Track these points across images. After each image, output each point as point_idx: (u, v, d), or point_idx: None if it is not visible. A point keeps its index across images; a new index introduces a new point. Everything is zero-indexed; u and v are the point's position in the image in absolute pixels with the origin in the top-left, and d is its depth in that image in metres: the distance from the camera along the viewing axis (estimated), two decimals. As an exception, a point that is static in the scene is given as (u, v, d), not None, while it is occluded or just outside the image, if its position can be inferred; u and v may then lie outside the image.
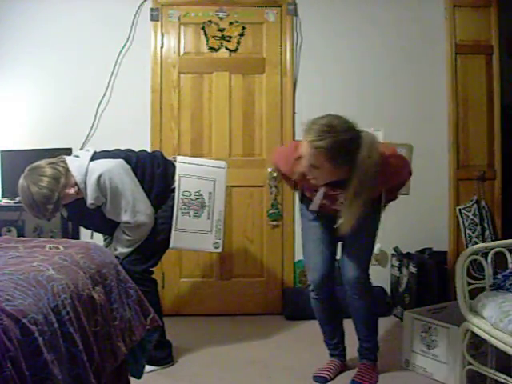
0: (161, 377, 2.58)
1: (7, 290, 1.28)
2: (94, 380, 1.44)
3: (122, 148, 2.73)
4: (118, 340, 1.70)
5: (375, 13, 3.77)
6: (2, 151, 3.59)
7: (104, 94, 3.68)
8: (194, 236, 2.68)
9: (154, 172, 2.63)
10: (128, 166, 2.55)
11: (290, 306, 3.58)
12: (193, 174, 2.71)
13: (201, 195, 2.71)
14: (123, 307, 1.81)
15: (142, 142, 3.66)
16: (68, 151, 3.57)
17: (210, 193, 2.72)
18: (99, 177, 2.45)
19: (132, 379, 1.99)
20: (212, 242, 2.70)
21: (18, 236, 3.55)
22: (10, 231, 3.63)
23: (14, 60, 3.69)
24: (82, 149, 3.67)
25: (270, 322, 3.55)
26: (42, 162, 2.49)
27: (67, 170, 2.47)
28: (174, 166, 2.72)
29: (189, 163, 2.76)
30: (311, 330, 3.33)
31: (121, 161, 2.54)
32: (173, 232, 2.63)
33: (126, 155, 2.61)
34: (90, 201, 2.47)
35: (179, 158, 2.78)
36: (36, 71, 3.70)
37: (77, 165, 2.49)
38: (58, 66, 3.70)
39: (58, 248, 1.78)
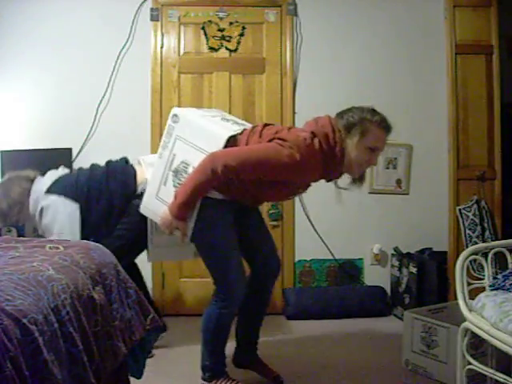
0: (161, 377, 2.58)
1: (7, 290, 1.28)
2: (93, 380, 1.44)
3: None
4: (118, 340, 1.70)
5: (375, 13, 3.77)
6: (2, 151, 3.58)
7: (104, 94, 3.68)
8: (172, 250, 2.66)
9: (109, 189, 2.65)
10: (75, 206, 2.57)
11: (290, 306, 3.58)
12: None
13: None
14: (123, 307, 1.81)
15: (142, 142, 3.67)
16: (68, 151, 3.58)
17: None
18: (41, 210, 2.56)
19: (132, 379, 2.00)
20: (192, 251, 2.65)
21: (18, 236, 3.55)
22: (9, 231, 3.62)
23: (14, 60, 3.69)
24: (81, 149, 3.68)
25: (270, 322, 3.54)
26: (15, 177, 2.65)
27: (28, 193, 2.60)
28: (134, 170, 2.75)
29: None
30: (311, 330, 3.34)
31: (67, 202, 2.56)
32: (149, 247, 2.65)
33: (78, 183, 2.64)
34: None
35: (144, 158, 2.81)
36: (36, 71, 3.70)
37: (34, 197, 2.60)
38: (58, 66, 3.70)
39: (57, 248, 1.78)
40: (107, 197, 2.64)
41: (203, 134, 2.18)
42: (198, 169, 2.07)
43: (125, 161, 2.83)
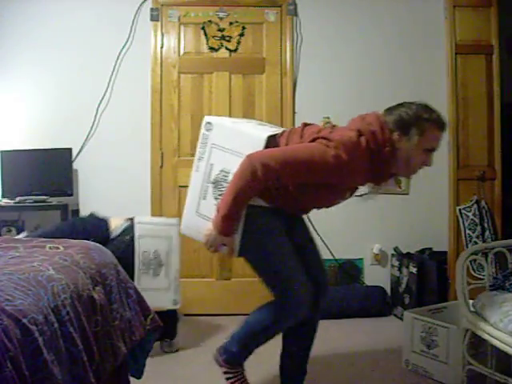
0: (161, 377, 2.58)
1: (7, 290, 1.28)
2: (93, 380, 1.44)
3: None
4: (118, 340, 1.70)
5: (375, 13, 3.77)
6: (2, 151, 3.59)
7: (104, 94, 3.68)
8: (153, 295, 2.56)
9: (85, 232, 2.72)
10: None
11: (290, 306, 3.58)
12: (151, 234, 2.81)
13: (159, 254, 2.81)
14: (123, 307, 1.81)
15: (142, 142, 3.68)
16: (68, 151, 3.58)
17: (167, 252, 2.83)
18: None
19: (132, 379, 1.99)
20: (171, 299, 2.77)
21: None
22: (10, 231, 3.63)
23: (15, 60, 3.70)
24: (81, 149, 3.68)
25: (270, 322, 3.54)
26: None
27: None
28: (105, 222, 2.84)
29: (146, 223, 2.86)
30: (311, 330, 3.33)
31: None
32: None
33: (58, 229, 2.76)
34: None
35: (137, 219, 2.86)
36: (36, 71, 3.70)
37: None
38: (58, 66, 3.70)
39: (58, 248, 1.78)
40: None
41: (240, 137, 2.01)
42: (237, 174, 1.87)
43: (93, 216, 2.94)
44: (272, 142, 1.98)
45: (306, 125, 2.07)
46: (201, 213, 2.12)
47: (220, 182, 2.03)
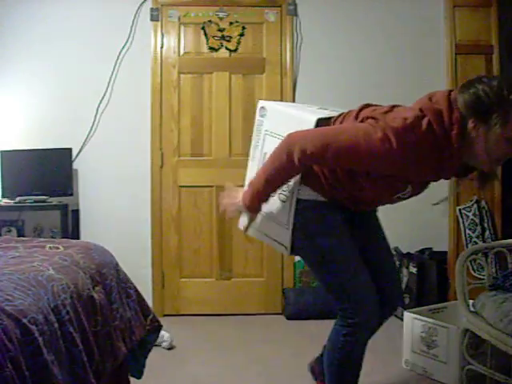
0: (161, 377, 2.58)
1: (7, 290, 1.28)
2: (93, 380, 1.44)
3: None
4: (118, 340, 1.70)
5: (375, 13, 3.77)
6: (2, 151, 3.59)
7: (104, 94, 3.68)
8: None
9: None
10: None
11: (290, 306, 3.58)
12: None
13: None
14: (123, 307, 1.81)
15: (142, 142, 3.67)
16: (68, 151, 3.58)
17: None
18: None
19: (132, 379, 2.00)
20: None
21: (18, 236, 3.55)
22: (10, 231, 3.63)
23: (14, 60, 3.69)
24: (81, 149, 3.68)
25: (270, 322, 3.55)
26: None
27: None
28: None
29: None
30: (311, 330, 3.33)
31: None
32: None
33: None
34: None
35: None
36: (36, 71, 3.70)
37: None
38: (58, 66, 3.69)
39: (57, 248, 1.78)
40: None
41: (292, 121, 1.81)
42: (274, 153, 1.68)
43: None
44: (325, 125, 1.77)
45: (365, 106, 1.81)
46: None
47: None
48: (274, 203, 1.85)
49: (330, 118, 1.82)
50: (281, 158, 1.65)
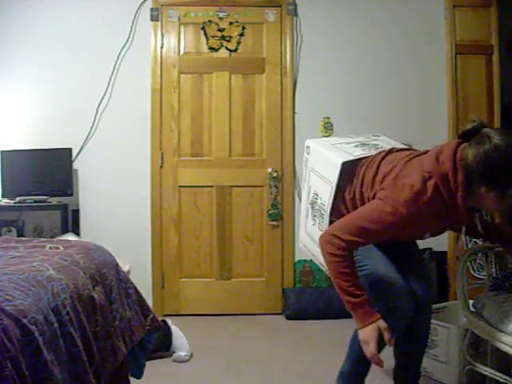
0: (161, 377, 2.58)
1: (7, 290, 1.28)
2: (93, 380, 1.44)
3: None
4: (118, 340, 1.70)
5: (375, 13, 3.77)
6: (2, 151, 3.59)
7: (104, 94, 3.68)
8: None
9: None
10: None
11: (290, 306, 3.58)
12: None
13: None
14: (123, 307, 1.81)
15: (142, 142, 3.68)
16: (68, 151, 3.58)
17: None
18: None
19: (132, 379, 1.99)
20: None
21: (18, 236, 3.55)
22: (10, 231, 3.63)
23: (14, 60, 3.69)
24: (81, 149, 3.68)
25: (270, 322, 3.55)
26: None
27: None
28: None
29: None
30: (311, 330, 3.33)
31: None
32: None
33: None
34: None
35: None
36: (36, 71, 3.70)
37: None
38: (58, 66, 3.70)
39: (58, 248, 1.78)
40: None
41: (324, 161, 2.04)
42: (325, 260, 1.78)
43: None
44: (352, 168, 1.90)
45: (387, 154, 1.89)
46: (309, 232, 2.15)
47: (314, 203, 2.05)
48: (316, 232, 2.03)
49: (355, 160, 1.93)
50: (329, 260, 1.74)
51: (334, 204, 1.93)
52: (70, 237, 2.84)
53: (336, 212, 1.94)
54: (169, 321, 2.91)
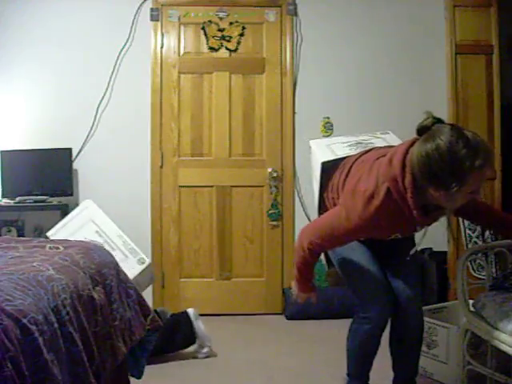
0: (161, 377, 2.58)
1: (7, 290, 1.28)
2: (93, 380, 1.44)
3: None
4: (118, 340, 1.70)
5: (375, 13, 3.77)
6: (2, 151, 3.59)
7: (104, 94, 3.68)
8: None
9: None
10: None
11: (290, 306, 3.58)
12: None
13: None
14: (123, 307, 1.81)
15: (142, 142, 3.68)
16: (68, 151, 3.58)
17: (97, 231, 2.91)
18: None
19: (132, 379, 1.99)
20: (135, 260, 2.74)
21: (18, 236, 3.55)
22: (10, 231, 3.63)
23: (14, 60, 3.69)
24: (81, 149, 3.68)
25: (271, 322, 3.55)
26: None
27: None
28: None
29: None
30: (311, 330, 3.34)
31: None
32: None
33: None
34: None
35: None
36: (36, 71, 3.70)
37: None
38: (58, 66, 3.70)
39: (58, 248, 1.78)
40: None
41: (315, 161, 2.20)
42: (295, 249, 1.99)
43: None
44: (332, 167, 2.02)
45: (362, 155, 1.95)
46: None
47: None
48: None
49: (339, 160, 2.04)
50: (298, 252, 1.91)
51: (320, 201, 2.10)
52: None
53: (323, 209, 2.07)
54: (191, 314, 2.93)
